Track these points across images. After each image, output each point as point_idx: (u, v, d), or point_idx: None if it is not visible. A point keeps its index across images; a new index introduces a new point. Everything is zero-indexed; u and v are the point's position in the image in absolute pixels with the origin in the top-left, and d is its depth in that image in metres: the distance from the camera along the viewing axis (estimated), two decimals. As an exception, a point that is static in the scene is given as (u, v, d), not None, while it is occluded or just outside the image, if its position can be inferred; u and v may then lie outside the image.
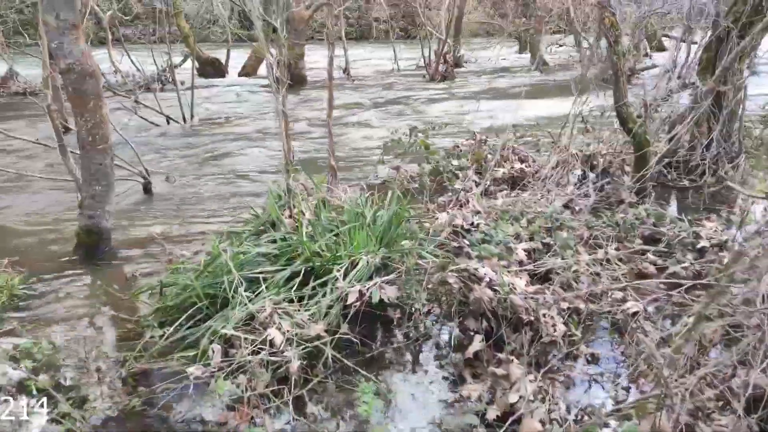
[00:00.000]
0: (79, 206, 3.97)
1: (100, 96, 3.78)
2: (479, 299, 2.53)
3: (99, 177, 3.87)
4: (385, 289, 2.78)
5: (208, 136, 8.36)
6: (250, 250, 3.09)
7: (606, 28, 4.26)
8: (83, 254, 3.99)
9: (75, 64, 3.61)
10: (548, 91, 12.61)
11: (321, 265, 3.01)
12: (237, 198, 5.43)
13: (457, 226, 3.46)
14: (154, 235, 4.32)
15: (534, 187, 4.87)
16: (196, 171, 6.44)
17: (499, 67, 17.72)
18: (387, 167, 5.42)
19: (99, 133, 3.80)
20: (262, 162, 6.83)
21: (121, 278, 3.76)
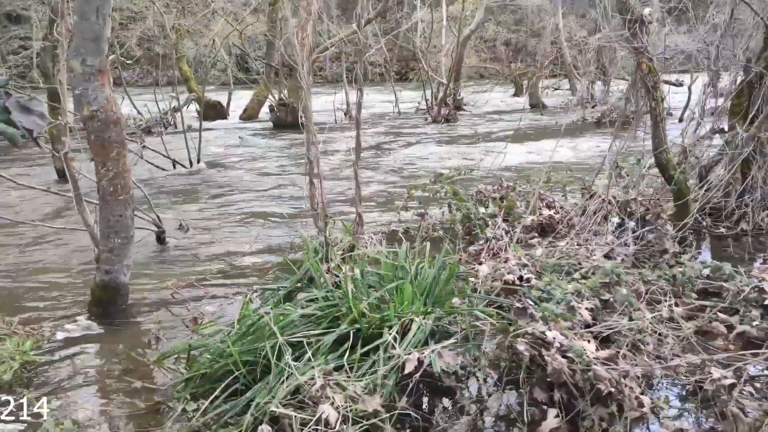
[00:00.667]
0: (95, 260, 3.72)
1: (124, 144, 3.58)
2: (559, 371, 2.28)
3: (118, 229, 3.63)
4: (444, 356, 2.53)
5: (217, 180, 8.17)
6: (291, 311, 2.83)
7: (643, 74, 4.16)
8: (99, 311, 3.71)
9: (99, 111, 3.42)
10: (552, 133, 12.65)
11: (368, 328, 2.76)
12: (255, 245, 5.18)
13: (507, 281, 3.23)
14: (174, 290, 4.05)
15: (569, 236, 4.68)
16: (209, 218, 6.21)
17: (498, 110, 17.86)
18: (412, 213, 5.23)
19: (121, 183, 3.58)
20: (274, 207, 6.62)
21: (142, 339, 3.47)
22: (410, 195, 5.23)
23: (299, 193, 7.30)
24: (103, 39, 3.35)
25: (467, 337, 2.80)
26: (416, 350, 2.54)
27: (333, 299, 2.96)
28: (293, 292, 3.22)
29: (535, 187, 5.48)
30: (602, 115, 13.58)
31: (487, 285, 3.31)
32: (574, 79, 20.31)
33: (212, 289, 4.20)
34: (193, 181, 8.02)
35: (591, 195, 5.05)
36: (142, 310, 3.87)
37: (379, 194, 7.13)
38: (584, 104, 15.96)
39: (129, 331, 3.59)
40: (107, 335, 3.53)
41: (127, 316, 3.75)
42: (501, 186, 5.23)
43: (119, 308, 3.75)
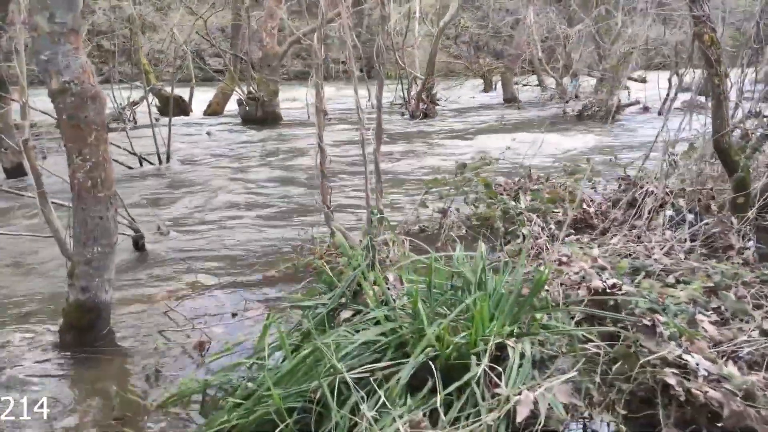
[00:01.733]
0: (68, 275, 2.93)
1: (105, 126, 2.82)
2: (740, 414, 1.71)
3: (98, 235, 2.87)
4: (558, 395, 1.93)
5: (190, 177, 7.33)
6: (349, 338, 2.16)
7: (705, 46, 3.68)
8: (74, 339, 2.93)
9: (73, 82, 2.66)
10: (537, 125, 12.30)
11: (449, 357, 2.13)
12: (246, 250, 4.46)
13: (594, 288, 2.66)
14: (167, 307, 3.31)
15: (612, 232, 4.17)
16: (189, 219, 5.42)
17: (472, 105, 17.49)
18: (431, 210, 4.61)
19: (101, 176, 2.82)
20: (258, 207, 5.88)
21: (134, 374, 2.72)
22: (428, 189, 4.62)
23: (284, 191, 6.58)
24: (77, -12, 2.59)
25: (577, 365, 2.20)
26: (526, 388, 1.93)
27: (395, 319, 2.32)
28: (335, 310, 2.55)
29: (562, 179, 4.96)
30: (583, 109, 13.36)
31: (552, 293, 2.72)
32: (543, 75, 20.20)
33: (210, 302, 3.47)
34: (165, 180, 7.16)
35: (629, 185, 4.56)
36: (129, 335, 3.11)
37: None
38: (563, 98, 15.77)
39: (115, 364, 2.83)
40: (87, 371, 2.76)
41: (111, 344, 2.98)
42: (530, 178, 4.69)
43: (100, 334, 2.98)
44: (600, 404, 1.99)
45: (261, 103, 13.10)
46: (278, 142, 10.55)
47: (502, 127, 12.14)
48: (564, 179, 4.84)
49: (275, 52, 13.48)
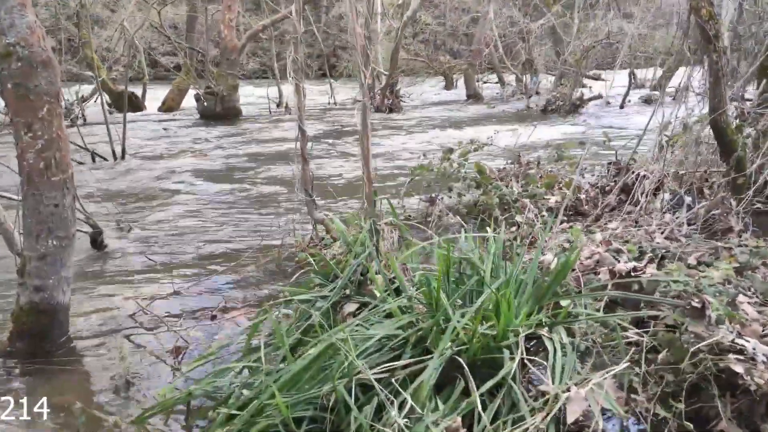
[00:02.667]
0: (18, 273, 2.51)
1: (58, 98, 2.42)
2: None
3: (53, 226, 2.46)
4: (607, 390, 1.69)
5: (147, 173, 6.83)
6: (360, 333, 1.86)
7: (703, 21, 3.55)
8: (26, 348, 2.51)
9: (19, 44, 2.25)
10: (502, 119, 12.26)
11: (476, 351, 1.86)
12: (217, 246, 4.09)
13: (618, 272, 2.45)
14: (133, 309, 2.91)
15: (606, 216, 4.02)
16: (148, 216, 4.98)
17: (435, 101, 17.41)
18: (417, 199, 4.35)
19: (55, 157, 2.42)
20: (218, 201, 5.48)
21: (100, 386, 2.34)
22: (413, 176, 4.35)
23: (249, 184, 6.20)
24: (23, -69, 2.20)
25: (599, 354, 1.98)
26: (574, 384, 1.68)
27: (410, 311, 2.03)
28: (337, 303, 2.24)
29: (550, 166, 4.79)
30: (548, 103, 13.42)
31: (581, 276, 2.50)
32: (503, 72, 20.33)
33: (183, 303, 3.10)
34: (121, 176, 6.64)
35: (620, 170, 4.43)
36: (90, 342, 2.71)
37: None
38: (526, 94, 15.86)
39: (77, 376, 2.44)
40: (43, 384, 2.36)
41: (70, 352, 2.58)
42: (520, 163, 4.48)
43: (56, 341, 2.57)
44: (652, 398, 1.76)
45: (220, 98, 12.56)
46: (240, 137, 10.09)
47: (470, 121, 12.05)
48: (552, 165, 4.66)
49: (234, 45, 12.96)
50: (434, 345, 1.92)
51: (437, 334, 1.91)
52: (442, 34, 29.15)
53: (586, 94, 13.76)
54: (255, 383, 1.92)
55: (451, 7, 29.11)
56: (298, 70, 3.63)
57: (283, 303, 2.31)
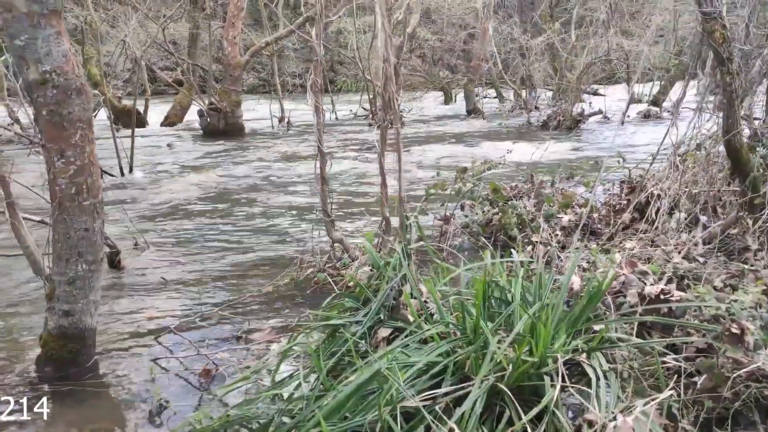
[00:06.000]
0: (47, 297, 2.51)
1: (90, 124, 2.44)
2: None
3: (83, 250, 2.47)
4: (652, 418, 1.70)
5: (157, 190, 6.84)
6: (401, 360, 1.86)
7: (717, 43, 3.61)
8: (54, 373, 2.50)
9: (55, 72, 2.27)
10: (505, 136, 12.35)
11: (517, 377, 1.87)
12: (235, 265, 4.09)
13: (648, 295, 2.46)
14: (155, 331, 2.91)
15: (619, 236, 4.05)
16: (164, 233, 4.98)
17: (435, 116, 17.54)
18: (431, 217, 4.37)
19: (86, 182, 2.43)
20: (230, 219, 5.49)
21: (130, 411, 2.33)
22: (428, 196, 4.37)
23: (261, 202, 6.22)
24: (62, -39, 2.23)
25: (638, 380, 1.99)
26: (619, 411, 1.68)
27: (448, 337, 2.04)
28: (372, 327, 2.25)
29: (561, 185, 4.82)
30: (548, 119, 13.53)
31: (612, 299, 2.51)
32: (501, 87, 20.50)
33: (207, 325, 3.09)
34: (130, 192, 6.65)
35: (633, 189, 4.46)
36: (117, 365, 2.70)
37: (357, 201, 6.20)
38: (525, 109, 15.98)
39: (106, 400, 2.43)
40: (73, 409, 2.35)
41: (99, 377, 2.57)
42: (533, 182, 4.51)
43: (84, 365, 2.56)
44: (694, 425, 1.77)
45: (224, 115, 12.61)
46: (245, 153, 10.12)
47: (473, 136, 12.13)
48: (564, 184, 4.70)
49: (237, 62, 13.04)
50: (473, 371, 1.93)
51: (476, 361, 1.92)
52: (439, 50, 29.41)
53: (586, 110, 13.89)
54: (294, 410, 1.92)
55: (448, 22, 29.42)
56: (317, 92, 3.66)
57: (316, 327, 2.31)
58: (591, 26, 13.47)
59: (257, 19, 24.56)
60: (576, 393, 1.79)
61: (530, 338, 1.96)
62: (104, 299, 3.47)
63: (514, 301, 2.30)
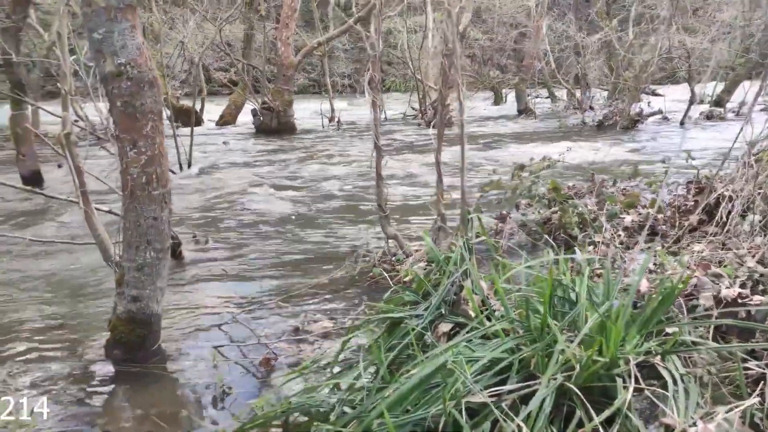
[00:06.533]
0: (117, 283, 2.61)
1: (161, 116, 2.51)
2: None
3: (151, 238, 2.55)
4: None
5: (214, 185, 7.03)
6: (465, 355, 1.83)
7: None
8: (122, 355, 2.60)
9: (129, 65, 2.36)
10: (559, 136, 12.07)
11: (588, 378, 1.80)
12: (291, 258, 4.14)
13: (724, 298, 2.34)
14: (216, 319, 2.98)
15: (686, 237, 3.86)
16: (222, 227, 5.10)
17: (487, 116, 17.34)
18: (487, 216, 4.30)
19: (156, 172, 2.51)
20: (292, 213, 5.57)
21: (194, 395, 2.39)
22: (484, 193, 4.31)
23: (315, 197, 6.29)
24: (139, -43, 2.31)
25: (717, 386, 1.88)
26: (699, 417, 1.60)
27: (511, 334, 1.99)
28: (432, 321, 2.22)
29: (622, 185, 4.66)
30: (604, 119, 13.13)
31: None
32: (554, 87, 20.06)
33: (265, 315, 3.14)
34: (189, 187, 6.86)
35: (702, 189, 4.25)
36: (180, 351, 2.78)
37: (407, 200, 6.18)
38: (578, 109, 15.59)
39: (171, 384, 2.50)
40: (141, 393, 2.43)
41: (163, 361, 2.65)
42: (593, 181, 4.38)
43: (150, 350, 2.64)
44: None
45: (276, 114, 12.86)
46: (298, 151, 10.28)
47: (525, 136, 11.91)
48: (625, 183, 4.54)
49: (290, 62, 13.27)
50: (539, 370, 1.87)
51: (542, 359, 1.86)
52: (490, 49, 29.04)
53: (644, 110, 13.41)
54: (355, 400, 1.92)
55: (499, 21, 29.01)
56: (375, 88, 3.67)
57: (376, 320, 2.31)
58: (651, 23, 12.99)
59: (308, 21, 24.94)
60: (651, 396, 1.71)
61: (601, 338, 1.89)
62: (167, 287, 3.58)
63: (580, 300, 2.22)
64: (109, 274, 2.98)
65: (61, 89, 2.85)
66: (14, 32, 6.25)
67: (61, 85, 2.84)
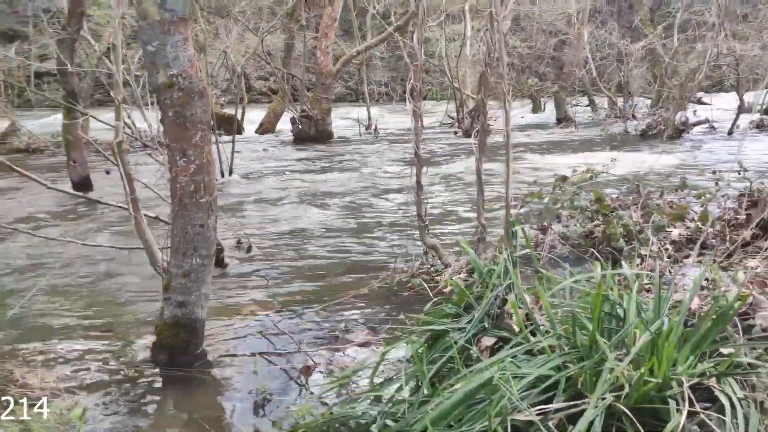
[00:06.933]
0: (164, 288, 2.67)
1: (210, 126, 2.57)
2: None
3: (198, 245, 2.60)
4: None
5: (256, 192, 7.16)
6: (516, 370, 1.80)
7: None
8: (167, 359, 2.66)
9: (180, 76, 2.42)
10: (599, 144, 11.82)
11: (639, 399, 1.74)
12: (331, 266, 4.16)
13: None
14: (258, 325, 3.01)
15: (744, 254, 3.71)
16: (264, 233, 5.18)
17: (525, 124, 17.11)
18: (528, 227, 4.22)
19: (204, 180, 2.56)
20: (332, 221, 5.61)
21: (235, 401, 2.42)
22: (524, 204, 4.25)
23: (354, 205, 6.32)
24: (192, -28, 2.38)
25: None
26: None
27: (561, 350, 1.95)
28: (476, 336, 2.20)
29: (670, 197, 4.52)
30: (648, 128, 12.79)
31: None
32: (594, 95, 19.66)
33: (304, 322, 3.16)
34: (231, 194, 7.00)
35: (756, 202, 4.09)
36: (222, 356, 2.82)
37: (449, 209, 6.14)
38: (620, 118, 15.26)
39: (213, 389, 2.54)
40: (185, 397, 2.48)
41: (206, 366, 2.70)
42: (639, 192, 4.26)
43: (193, 355, 2.69)
44: None
45: (314, 122, 13.02)
46: (337, 158, 10.38)
47: (565, 145, 11.70)
48: (673, 195, 4.40)
49: (329, 71, 13.43)
50: (586, 389, 1.82)
51: (590, 378, 1.81)
52: (528, 57, 28.75)
53: (690, 119, 13.00)
54: (397, 413, 1.91)
55: (538, 29, 28.70)
56: (416, 96, 3.67)
57: (418, 331, 2.29)
58: (698, 30, 12.61)
59: (346, 30, 25.25)
60: (707, 420, 1.64)
61: (652, 357, 1.83)
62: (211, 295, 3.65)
63: (628, 316, 2.16)
64: (155, 279, 3.06)
65: (114, 98, 2.95)
66: (69, 44, 6.53)
67: (114, 94, 2.94)
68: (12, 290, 3.76)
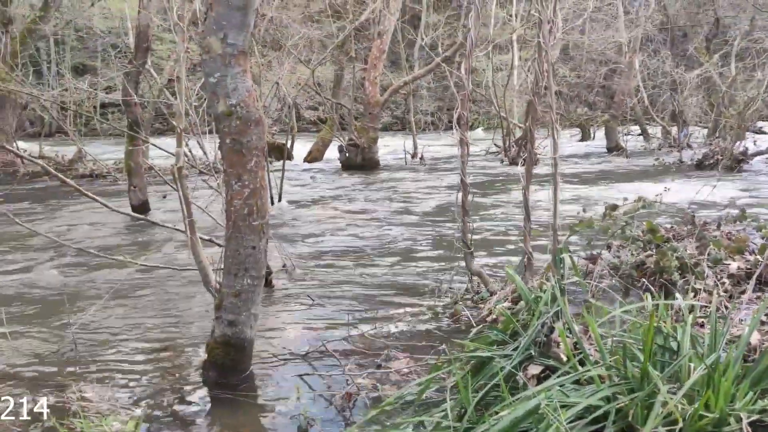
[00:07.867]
0: (216, 307, 2.77)
1: (264, 153, 2.69)
2: None
3: (249, 266, 2.69)
4: None
5: (303, 218, 7.32)
6: (564, 399, 1.77)
7: None
8: (216, 378, 2.73)
9: (239, 106, 2.56)
10: (651, 174, 11.50)
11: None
12: (376, 291, 4.19)
13: None
14: (302, 347, 3.06)
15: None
16: (310, 258, 5.28)
17: (573, 153, 16.84)
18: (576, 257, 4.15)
19: (257, 204, 2.67)
20: (378, 247, 5.66)
21: (279, 422, 2.46)
22: (572, 233, 4.18)
23: (399, 232, 6.36)
24: (251, 7, 2.52)
25: None
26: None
27: (611, 380, 1.90)
28: (522, 363, 2.17)
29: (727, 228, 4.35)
30: (704, 157, 12.37)
31: None
32: (647, 124, 19.21)
33: (348, 347, 3.19)
34: (280, 220, 7.18)
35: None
36: (267, 378, 2.88)
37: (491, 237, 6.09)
38: (674, 147, 14.84)
39: (259, 411, 2.59)
40: (230, 415, 2.53)
41: (253, 386, 2.76)
42: (694, 224, 4.13)
43: (241, 374, 2.76)
44: None
45: (361, 150, 13.25)
46: (383, 185, 10.50)
47: (617, 175, 11.45)
48: (731, 226, 4.23)
49: (377, 101, 13.70)
50: (637, 422, 1.77)
51: (642, 410, 1.76)
52: (577, 86, 28.45)
53: (750, 149, 12.50)
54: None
55: (588, 58, 28.43)
56: (463, 125, 3.71)
57: (462, 358, 2.28)
58: (757, 58, 12.21)
59: (394, 61, 25.74)
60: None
61: (710, 392, 1.76)
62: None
63: (682, 349, 2.09)
64: (208, 298, 3.17)
65: (176, 127, 3.13)
66: (135, 76, 6.95)
67: (176, 123, 3.12)
68: (73, 308, 3.97)
